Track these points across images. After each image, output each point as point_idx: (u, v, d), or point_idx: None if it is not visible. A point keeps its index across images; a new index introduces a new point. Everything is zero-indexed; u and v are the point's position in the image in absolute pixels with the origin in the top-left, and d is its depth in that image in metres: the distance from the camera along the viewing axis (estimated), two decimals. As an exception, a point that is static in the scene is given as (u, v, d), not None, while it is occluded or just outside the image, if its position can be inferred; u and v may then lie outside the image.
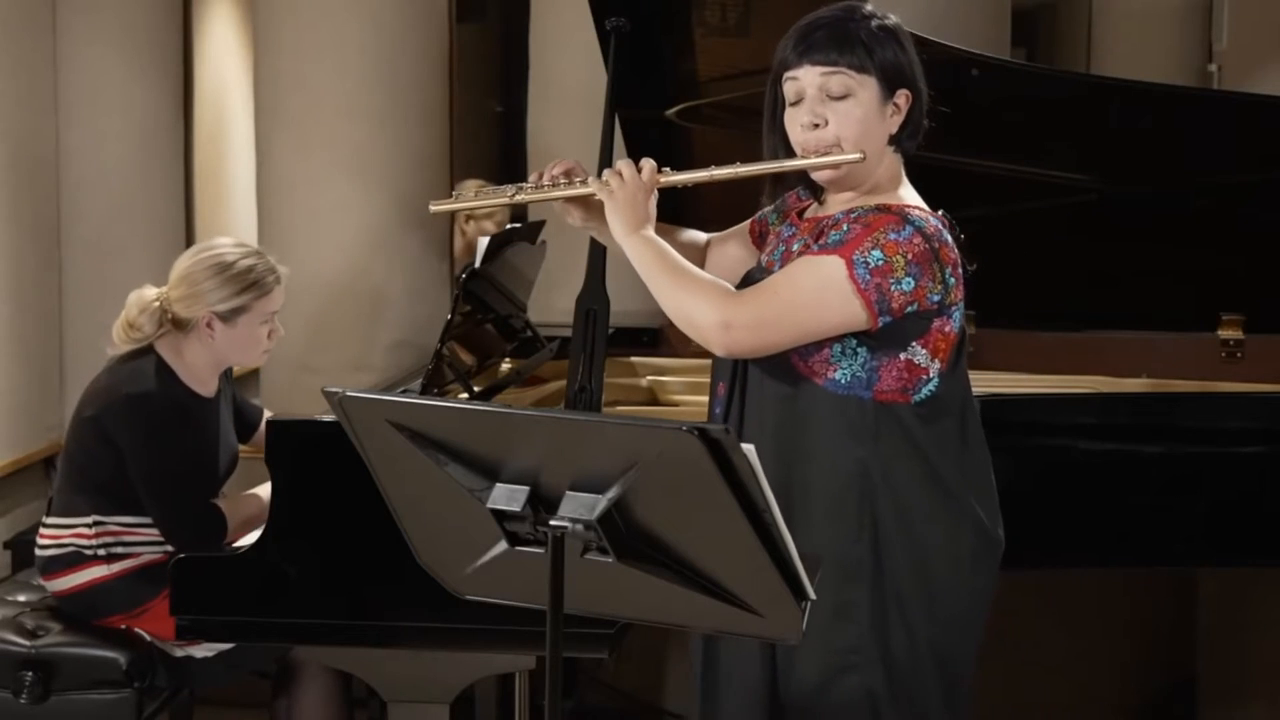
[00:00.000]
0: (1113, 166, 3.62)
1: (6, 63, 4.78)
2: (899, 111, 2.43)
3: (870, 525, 2.38)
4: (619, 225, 2.45)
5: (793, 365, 2.40)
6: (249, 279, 3.26)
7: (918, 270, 2.33)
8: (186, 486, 3.23)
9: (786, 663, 2.43)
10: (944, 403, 2.41)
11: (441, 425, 1.99)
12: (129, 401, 3.19)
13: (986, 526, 2.47)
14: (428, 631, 2.96)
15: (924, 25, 3.78)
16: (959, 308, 2.42)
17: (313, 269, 4.55)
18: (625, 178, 2.45)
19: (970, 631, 2.48)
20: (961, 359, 2.45)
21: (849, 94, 2.39)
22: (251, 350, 3.33)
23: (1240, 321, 3.82)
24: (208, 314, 3.24)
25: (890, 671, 2.40)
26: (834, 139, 2.40)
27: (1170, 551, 3.34)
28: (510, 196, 2.55)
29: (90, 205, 5.10)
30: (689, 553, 1.96)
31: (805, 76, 2.40)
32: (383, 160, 4.56)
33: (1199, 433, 3.32)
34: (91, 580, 3.27)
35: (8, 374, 4.80)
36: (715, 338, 2.38)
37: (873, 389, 2.38)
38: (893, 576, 2.39)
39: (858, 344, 2.37)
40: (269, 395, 4.70)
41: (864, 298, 2.32)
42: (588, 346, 3.06)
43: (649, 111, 3.67)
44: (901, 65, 2.42)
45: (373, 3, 4.56)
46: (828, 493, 2.39)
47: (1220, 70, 6.27)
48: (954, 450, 2.43)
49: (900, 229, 2.34)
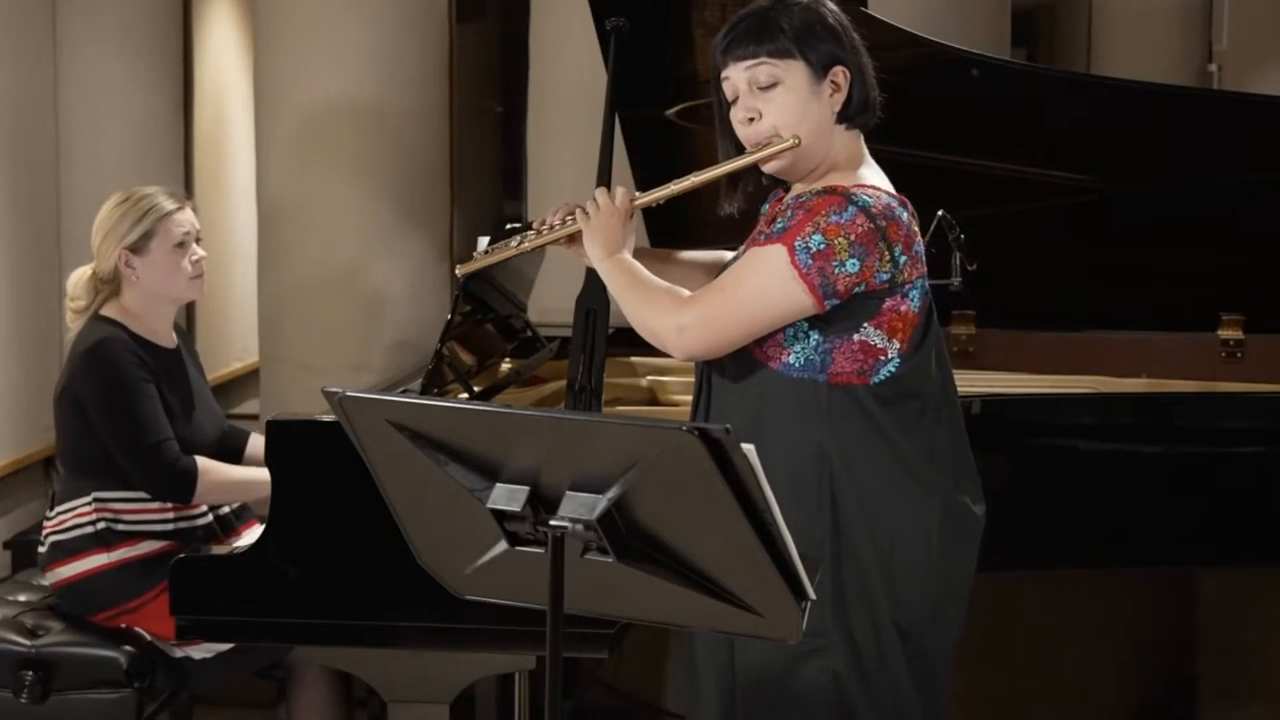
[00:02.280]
0: (1113, 166, 3.62)
1: (6, 63, 4.78)
2: (839, 90, 2.43)
3: (830, 507, 2.39)
4: (594, 250, 2.53)
5: (749, 352, 2.42)
6: (144, 205, 3.34)
7: (862, 250, 2.33)
8: (151, 430, 3.23)
9: (744, 649, 2.43)
10: (906, 383, 2.41)
11: (441, 425, 1.99)
12: (84, 358, 3.25)
13: (960, 505, 2.47)
14: (428, 631, 2.96)
15: (924, 25, 3.80)
16: (916, 286, 2.41)
17: (313, 269, 4.55)
18: (600, 205, 2.53)
19: (942, 612, 2.46)
20: (928, 339, 2.45)
21: (776, 82, 2.41)
22: (176, 278, 3.34)
23: (1240, 321, 3.81)
24: (121, 252, 3.31)
25: (855, 654, 2.40)
26: (770, 129, 2.42)
27: (1170, 551, 3.35)
28: (516, 246, 2.68)
29: (90, 205, 5.08)
30: (689, 553, 1.96)
31: (734, 74, 2.44)
32: (383, 160, 4.57)
33: (1199, 433, 3.32)
34: (91, 569, 3.27)
35: (8, 374, 4.81)
36: (671, 341, 2.42)
37: (826, 371, 2.38)
38: (854, 558, 2.39)
39: (809, 327, 2.38)
40: (269, 395, 4.70)
41: (806, 282, 2.33)
42: (588, 346, 3.06)
43: (649, 111, 3.67)
44: (830, 45, 2.42)
45: (373, 3, 4.56)
46: (787, 476, 2.37)
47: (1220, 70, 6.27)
48: (919, 430, 2.42)
49: (843, 210, 2.35)
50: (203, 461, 3.28)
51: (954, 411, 2.49)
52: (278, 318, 4.68)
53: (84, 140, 5.12)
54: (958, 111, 3.51)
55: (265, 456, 3.04)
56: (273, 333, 4.71)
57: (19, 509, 4.93)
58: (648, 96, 3.65)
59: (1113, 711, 4.41)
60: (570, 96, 4.56)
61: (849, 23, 2.47)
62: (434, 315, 4.46)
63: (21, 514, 4.92)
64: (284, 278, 4.63)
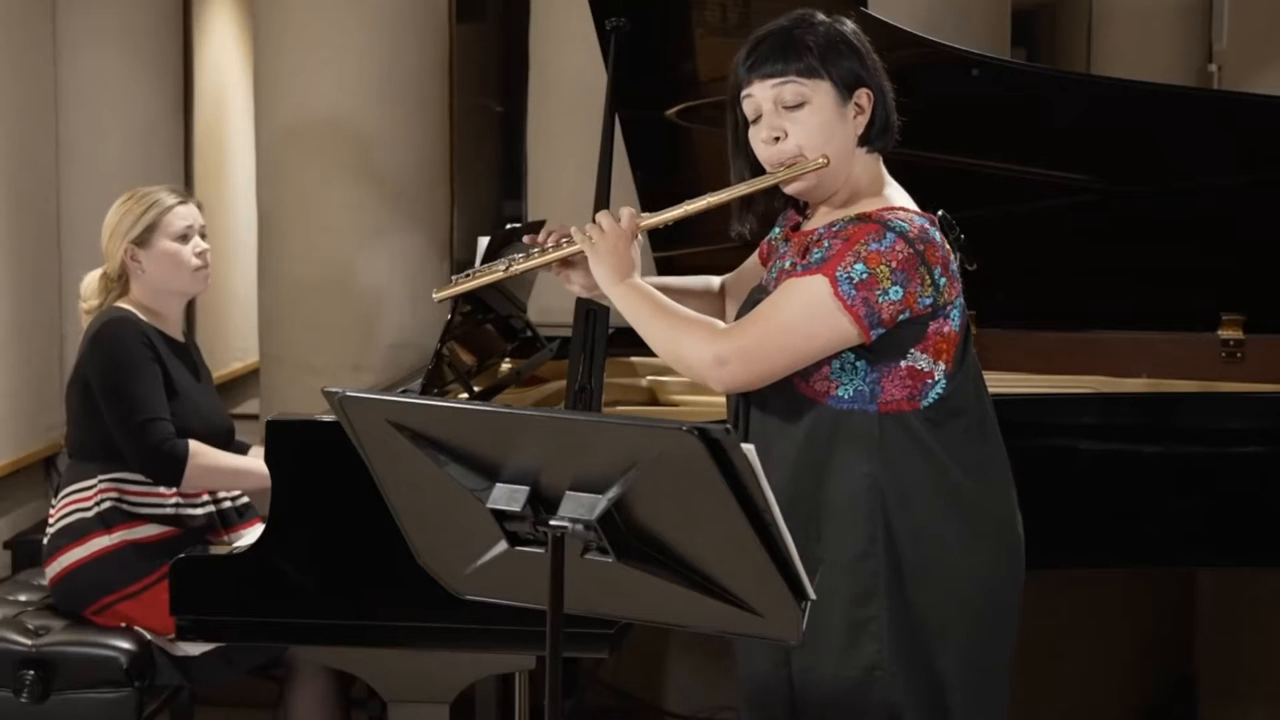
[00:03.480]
0: (1113, 166, 3.62)
1: (6, 63, 4.78)
2: (862, 111, 2.40)
3: (883, 539, 2.36)
4: (604, 275, 2.44)
5: (796, 388, 2.38)
6: (147, 201, 3.42)
7: (904, 277, 2.30)
8: (144, 407, 3.26)
9: (803, 678, 2.41)
10: (953, 403, 2.39)
11: (441, 425, 1.99)
12: (93, 339, 3.33)
13: (1007, 523, 2.45)
14: (428, 631, 2.97)
15: (924, 25, 3.80)
16: (956, 306, 2.39)
17: (313, 269, 4.55)
18: (605, 228, 2.43)
19: (999, 633, 2.45)
20: (968, 355, 2.43)
21: (804, 101, 2.36)
22: (180, 270, 3.41)
23: (1240, 321, 3.81)
24: (127, 246, 3.39)
25: (917, 687, 2.37)
26: (795, 150, 2.37)
27: (1170, 551, 3.34)
28: (504, 270, 2.52)
29: (90, 205, 5.10)
30: (689, 553, 1.96)
31: (758, 92, 2.38)
32: (382, 160, 4.57)
33: (1199, 433, 3.32)
34: (90, 554, 3.28)
35: (8, 374, 4.81)
36: (710, 374, 2.36)
37: (877, 401, 2.35)
38: (913, 590, 2.36)
39: (855, 358, 2.35)
40: (269, 395, 4.70)
41: (852, 314, 2.29)
42: (588, 346, 3.06)
43: (649, 111, 3.67)
44: (855, 65, 2.39)
45: (373, 3, 4.56)
46: (838, 509, 2.36)
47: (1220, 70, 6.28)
48: (969, 448, 2.40)
49: (881, 238, 2.31)
50: (195, 445, 3.30)
51: (995, 425, 2.46)
52: (277, 318, 4.68)
53: (84, 140, 5.12)
54: (958, 112, 3.50)
55: (265, 456, 3.04)
56: (273, 333, 4.71)
57: (19, 509, 4.93)
58: (648, 96, 3.65)
59: (1113, 711, 4.41)
60: (570, 96, 4.56)
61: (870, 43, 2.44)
62: (434, 315, 4.46)
63: (21, 514, 4.92)
64: (284, 278, 4.63)
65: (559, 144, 4.64)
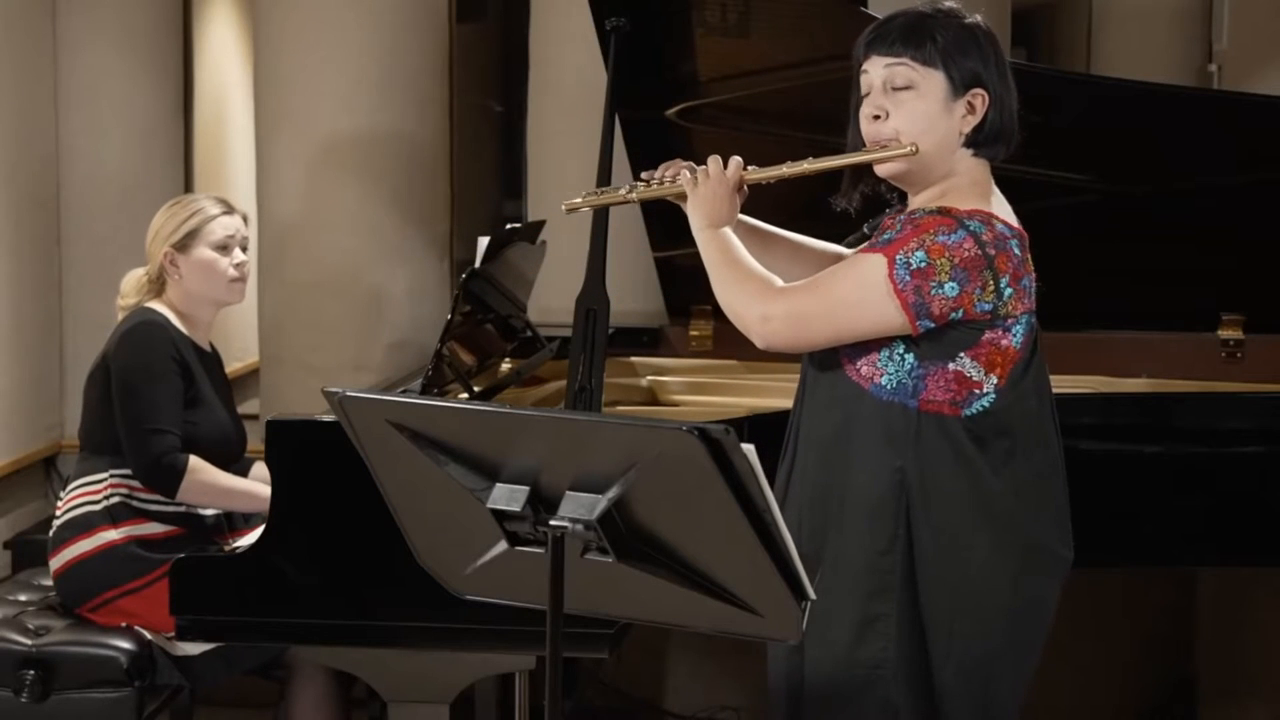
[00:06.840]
0: (1113, 166, 3.62)
1: (6, 63, 4.78)
2: (972, 112, 2.37)
3: (904, 537, 2.35)
4: (696, 218, 2.48)
5: (843, 370, 2.38)
6: (191, 208, 3.47)
7: (963, 275, 2.28)
8: (153, 416, 3.28)
9: (813, 669, 2.40)
10: (999, 420, 2.35)
11: (441, 425, 1.99)
12: (125, 335, 3.36)
13: (1042, 545, 2.42)
14: (428, 631, 2.96)
15: (924, 25, 3.79)
16: (1020, 322, 2.36)
17: (313, 269, 4.55)
18: (710, 173, 2.47)
19: (1011, 654, 2.42)
20: (1028, 375, 2.39)
21: (911, 86, 2.35)
22: (216, 280, 3.44)
23: (1240, 321, 3.82)
24: (167, 250, 3.42)
25: (916, 688, 2.37)
26: (892, 132, 2.37)
27: (1170, 551, 3.34)
28: (626, 193, 2.60)
29: (90, 205, 5.10)
30: (689, 553, 1.96)
31: (873, 69, 2.39)
32: (383, 160, 4.56)
33: (1199, 433, 3.32)
34: (95, 548, 3.28)
35: (8, 374, 4.81)
36: (755, 328, 2.38)
37: (918, 397, 2.34)
38: (923, 591, 2.35)
39: (905, 350, 2.34)
40: (269, 395, 4.70)
41: (900, 299, 2.28)
42: (588, 346, 3.06)
43: (649, 111, 3.68)
44: (978, 66, 2.37)
45: (373, 3, 4.56)
46: (864, 504, 2.36)
47: (1220, 70, 6.28)
48: (1009, 470, 2.36)
49: (952, 232, 2.30)
50: (195, 461, 3.30)
51: (1050, 451, 2.44)
52: (278, 318, 4.68)
53: (84, 140, 5.12)
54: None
55: (265, 456, 3.04)
56: (273, 333, 4.71)
57: (19, 509, 4.92)
58: (648, 96, 3.65)
59: (1113, 711, 4.41)
60: (570, 96, 4.56)
61: (1001, 50, 2.42)
62: (434, 315, 4.46)
63: (21, 514, 4.92)
64: (284, 278, 4.63)
65: (559, 144, 4.64)
